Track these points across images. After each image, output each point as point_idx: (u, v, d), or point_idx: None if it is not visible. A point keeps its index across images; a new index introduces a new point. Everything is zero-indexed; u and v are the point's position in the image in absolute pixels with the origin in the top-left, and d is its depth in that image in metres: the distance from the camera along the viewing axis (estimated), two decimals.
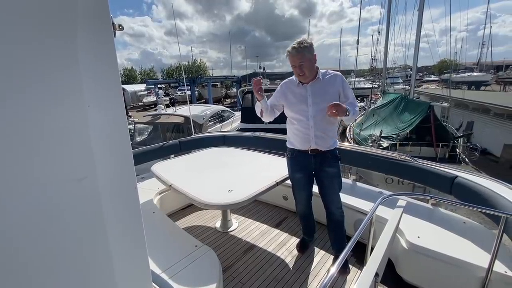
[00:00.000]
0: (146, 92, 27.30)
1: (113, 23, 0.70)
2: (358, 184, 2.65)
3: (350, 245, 1.02)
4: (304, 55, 1.62)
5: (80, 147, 0.65)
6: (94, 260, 0.73)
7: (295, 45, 1.63)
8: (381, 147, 7.04)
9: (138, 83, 34.32)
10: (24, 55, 0.54)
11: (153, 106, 23.14)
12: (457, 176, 2.00)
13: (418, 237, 1.71)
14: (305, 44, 1.62)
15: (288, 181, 2.00)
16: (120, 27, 0.76)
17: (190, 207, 2.84)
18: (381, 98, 12.22)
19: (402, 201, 1.55)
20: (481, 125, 9.81)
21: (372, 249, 1.17)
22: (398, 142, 7.08)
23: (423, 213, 2.02)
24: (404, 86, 14.69)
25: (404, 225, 1.78)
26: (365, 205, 2.16)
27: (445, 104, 9.43)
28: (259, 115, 1.89)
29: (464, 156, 6.80)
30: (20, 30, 0.53)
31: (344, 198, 2.19)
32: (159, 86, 25.10)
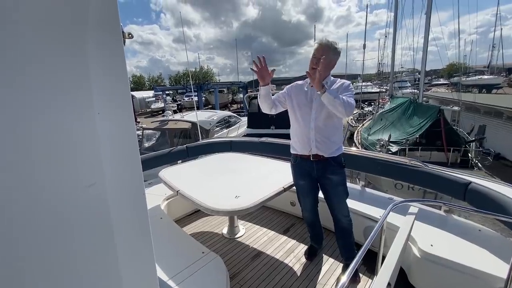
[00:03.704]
0: (154, 99, 27.73)
1: (123, 32, 0.71)
2: (367, 190, 2.60)
3: (360, 254, 0.99)
4: (329, 52, 1.63)
5: (90, 154, 0.65)
6: (101, 266, 0.73)
7: (328, 40, 1.66)
8: (390, 152, 6.93)
9: (147, 90, 34.94)
10: (35, 63, 0.55)
11: (161, 112, 23.45)
12: (471, 182, 1.94)
13: (431, 245, 1.65)
14: (336, 46, 1.66)
15: (295, 187, 1.97)
16: (130, 35, 0.77)
17: (197, 212, 2.83)
18: (389, 102, 12.08)
19: (414, 207, 1.50)
20: (493, 129, 9.55)
21: (383, 257, 1.13)
22: (407, 147, 6.96)
23: (435, 220, 1.96)
24: (413, 90, 14.52)
25: (416, 232, 1.73)
26: (374, 212, 2.11)
27: (456, 108, 9.25)
28: (259, 102, 1.82)
29: (476, 161, 6.63)
30: (31, 40, 0.54)
31: (353, 204, 2.14)
32: (166, 92, 25.49)
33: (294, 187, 1.97)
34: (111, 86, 0.67)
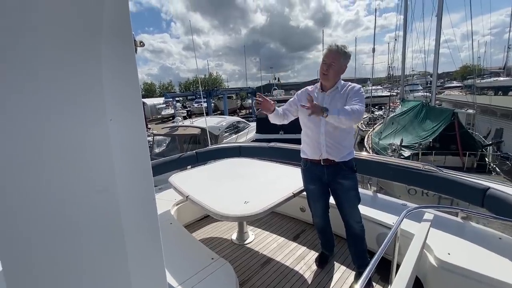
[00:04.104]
0: (164, 105, 28.30)
1: (134, 40, 0.73)
2: (379, 195, 2.53)
3: (374, 262, 0.96)
4: (339, 57, 1.62)
5: (102, 160, 0.67)
6: (112, 271, 0.74)
7: (338, 45, 1.63)
8: (402, 157, 6.78)
9: (157, 97, 35.72)
10: (50, 70, 0.57)
11: (171, 118, 23.85)
12: (489, 187, 1.86)
13: (448, 254, 1.59)
14: (345, 50, 1.63)
15: (305, 192, 1.95)
16: (141, 43, 0.79)
17: (207, 218, 2.83)
18: (400, 106, 11.87)
19: (429, 214, 1.45)
20: (511, 132, 9.20)
21: (398, 266, 1.10)
22: (420, 151, 6.79)
23: (452, 227, 1.89)
24: (425, 93, 14.21)
25: (431, 240, 1.67)
26: (387, 218, 2.05)
27: (470, 111, 8.98)
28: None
29: (494, 166, 6.39)
30: (48, 48, 0.56)
31: (365, 210, 2.09)
32: (176, 99, 25.94)
33: (304, 193, 1.94)
34: (123, 93, 0.68)
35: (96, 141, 0.65)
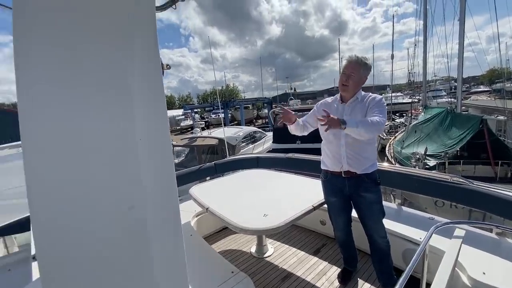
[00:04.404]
0: (183, 117, 29.14)
1: (162, 64, 0.78)
2: (404, 208, 2.42)
3: (402, 282, 0.92)
4: (359, 68, 1.61)
5: (131, 178, 0.70)
6: (140, 285, 0.76)
7: (358, 56, 1.63)
8: (427, 166, 6.46)
9: (177, 108, 36.96)
10: (89, 95, 0.63)
11: (189, 129, 24.47)
12: None
13: (484, 273, 1.47)
14: (366, 62, 1.62)
15: (326, 205, 1.91)
16: (168, 66, 0.84)
17: (225, 230, 2.84)
18: (422, 113, 11.40)
19: (460, 229, 1.37)
20: None
21: (427, 285, 1.04)
22: (447, 160, 6.44)
23: (486, 244, 1.75)
24: (449, 99, 13.58)
25: (464, 258, 1.56)
26: (414, 233, 1.95)
27: (501, 117, 8.44)
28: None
29: None
30: (85, 73, 0.62)
31: (389, 224, 2.01)
32: (195, 110, 26.70)
33: (325, 205, 1.90)
34: (152, 114, 0.73)
35: (129, 160, 0.69)
